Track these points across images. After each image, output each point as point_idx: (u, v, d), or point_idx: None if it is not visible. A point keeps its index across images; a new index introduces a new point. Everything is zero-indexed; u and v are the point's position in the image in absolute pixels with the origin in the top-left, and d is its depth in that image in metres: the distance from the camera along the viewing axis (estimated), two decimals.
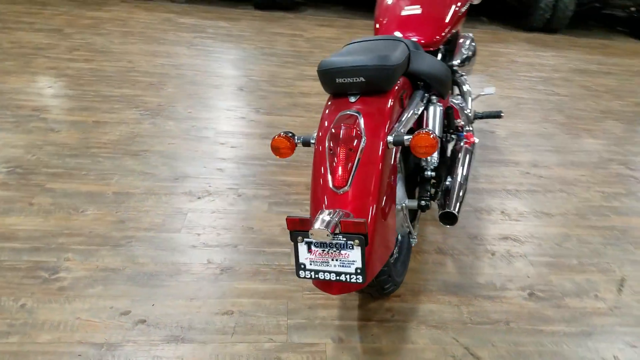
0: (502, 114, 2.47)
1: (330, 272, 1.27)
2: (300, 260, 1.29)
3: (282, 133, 1.50)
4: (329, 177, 1.36)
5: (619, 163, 2.98)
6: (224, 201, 2.24)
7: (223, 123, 3.01)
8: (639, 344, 1.66)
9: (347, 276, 1.26)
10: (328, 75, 1.45)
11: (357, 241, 1.22)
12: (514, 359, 1.56)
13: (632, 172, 2.88)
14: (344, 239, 1.24)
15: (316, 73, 4.00)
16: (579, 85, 4.42)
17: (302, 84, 3.79)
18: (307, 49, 4.73)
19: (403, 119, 1.51)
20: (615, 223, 2.35)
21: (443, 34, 2.17)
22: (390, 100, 1.48)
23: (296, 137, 1.50)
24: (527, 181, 2.67)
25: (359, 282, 1.26)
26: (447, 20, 2.19)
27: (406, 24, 2.17)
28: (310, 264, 1.28)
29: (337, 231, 1.21)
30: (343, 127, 1.38)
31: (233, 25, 5.30)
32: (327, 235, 1.19)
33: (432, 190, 1.76)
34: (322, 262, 1.27)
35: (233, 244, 1.97)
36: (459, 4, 2.28)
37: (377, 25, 2.24)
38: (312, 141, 1.48)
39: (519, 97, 3.93)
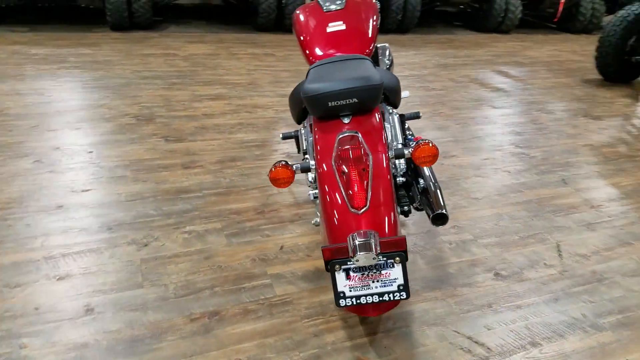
0: (420, 115, 2.64)
1: (372, 295, 1.26)
2: (339, 289, 1.26)
3: (278, 163, 1.44)
4: (346, 199, 1.34)
5: (508, 144, 3.38)
6: (175, 243, 2.07)
7: (135, 159, 2.77)
8: (595, 298, 1.91)
9: (391, 295, 1.27)
10: (319, 100, 1.43)
11: (398, 259, 1.23)
12: (512, 338, 1.69)
13: (522, 150, 3.28)
14: (384, 259, 1.24)
15: (212, 93, 3.87)
16: (447, 78, 4.90)
17: (201, 105, 3.63)
18: (188, 67, 4.54)
19: (389, 132, 1.55)
20: (529, 197, 2.67)
21: (371, 46, 2.25)
22: (378, 116, 1.50)
23: (293, 165, 1.45)
24: (446, 172, 2.90)
25: (403, 298, 1.27)
26: (370, 34, 2.28)
27: (337, 40, 2.20)
28: (350, 291, 1.26)
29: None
30: (350, 148, 1.38)
31: (96, 51, 4.87)
32: (374, 258, 1.18)
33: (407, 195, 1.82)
34: (362, 286, 1.26)
35: (208, 287, 1.83)
36: (375, 16, 2.38)
37: (308, 45, 2.22)
38: (312, 167, 1.45)
39: (406, 97, 4.23)
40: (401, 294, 1.27)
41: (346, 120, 1.47)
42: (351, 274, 1.26)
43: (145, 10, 5.61)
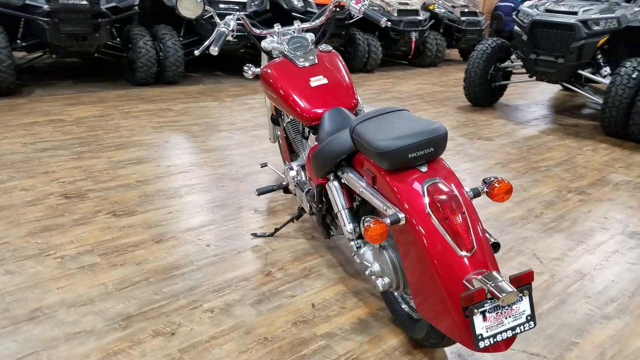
0: None
1: (506, 331, 1.34)
2: (478, 332, 1.31)
3: (369, 218, 1.45)
4: (453, 244, 1.40)
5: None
6: (203, 325, 1.89)
7: (95, 241, 2.45)
8: (593, 302, 2.22)
9: (521, 327, 1.35)
10: (400, 153, 1.49)
11: (526, 291, 1.33)
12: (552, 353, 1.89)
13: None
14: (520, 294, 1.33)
15: (131, 157, 3.59)
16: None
17: (128, 171, 3.34)
18: (86, 133, 4.14)
19: None
20: (484, 215, 2.98)
21: (356, 94, 2.37)
22: (443, 159, 1.61)
23: (382, 219, 1.47)
24: None
25: (532, 327, 1.37)
26: (350, 83, 2.39)
27: (325, 94, 2.27)
28: (487, 331, 1.32)
29: None
30: (445, 196, 1.45)
31: None
32: (517, 294, 1.27)
33: None
34: (497, 324, 1.33)
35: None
36: (343, 62, 2.51)
37: (295, 100, 2.24)
38: (402, 218, 1.47)
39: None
40: (529, 323, 1.36)
41: (424, 169, 1.54)
42: (487, 315, 1.32)
43: (9, 75, 4.98)
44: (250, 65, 2.85)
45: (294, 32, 2.59)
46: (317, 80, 2.34)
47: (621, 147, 4.47)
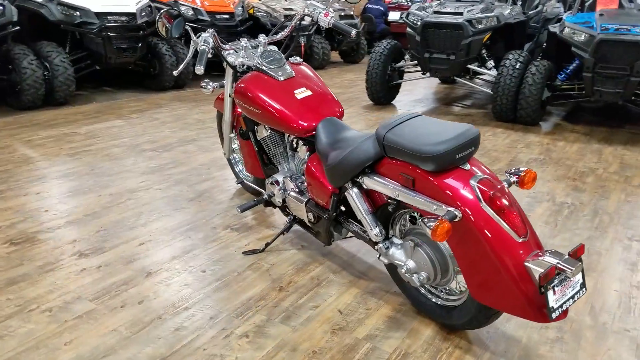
0: None
1: (568, 300, 1.55)
2: (550, 305, 1.50)
3: (431, 219, 1.56)
4: (511, 232, 1.58)
5: None
6: (246, 351, 1.85)
7: (71, 287, 2.22)
8: None
9: (578, 294, 1.57)
10: (450, 155, 1.62)
11: (580, 263, 1.55)
12: None
13: None
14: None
15: (63, 190, 3.28)
16: None
17: (68, 205, 3.04)
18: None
19: None
20: None
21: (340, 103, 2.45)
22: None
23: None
24: None
25: (584, 293, 1.59)
26: (328, 90, 2.48)
27: (313, 104, 2.33)
28: (556, 303, 1.52)
29: None
30: (496, 189, 1.61)
31: None
32: (582, 266, 1.49)
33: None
34: (562, 295, 1.53)
35: None
36: (315, 72, 2.58)
37: (284, 113, 2.26)
38: (458, 215, 1.61)
39: None
40: (583, 290, 1.58)
41: (467, 167, 1.69)
42: (555, 289, 1.50)
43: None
44: (207, 80, 2.79)
45: (260, 46, 2.59)
46: (302, 93, 2.38)
47: (515, 130, 5.12)
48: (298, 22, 2.69)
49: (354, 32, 2.52)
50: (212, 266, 2.43)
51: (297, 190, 2.42)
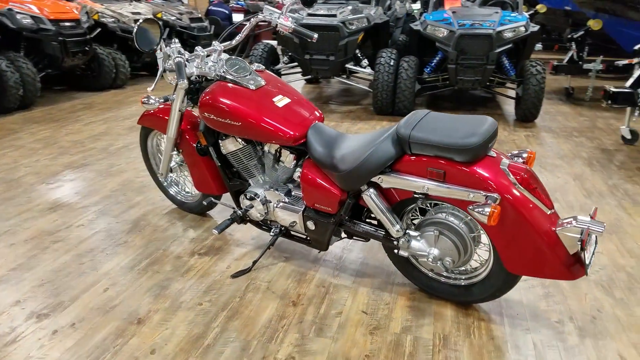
0: None
1: (591, 255, 1.81)
2: (587, 262, 1.74)
3: (484, 206, 1.69)
4: (542, 207, 1.79)
5: None
6: None
7: (55, 355, 1.86)
8: None
9: (595, 249, 1.85)
10: (484, 145, 1.77)
11: (604, 223, 1.81)
12: None
13: None
14: None
15: None
16: None
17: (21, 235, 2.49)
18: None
19: None
20: None
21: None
22: None
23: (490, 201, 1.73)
24: None
25: (596, 248, 1.86)
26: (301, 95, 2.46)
27: (296, 111, 2.30)
28: (588, 260, 1.76)
29: None
30: (525, 171, 1.80)
31: None
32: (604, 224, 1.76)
33: None
34: (590, 254, 1.79)
35: None
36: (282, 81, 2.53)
37: (268, 122, 2.19)
38: (498, 198, 1.76)
39: None
40: (596, 245, 1.85)
41: (494, 154, 1.84)
42: (589, 248, 1.75)
43: None
44: (148, 96, 2.56)
45: (214, 54, 2.44)
46: (280, 100, 2.32)
47: (397, 121, 5.56)
48: (253, 27, 2.58)
49: (315, 36, 2.52)
50: (205, 297, 2.23)
51: (286, 200, 2.35)
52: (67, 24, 6.33)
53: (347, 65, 5.93)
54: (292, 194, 2.39)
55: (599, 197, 3.25)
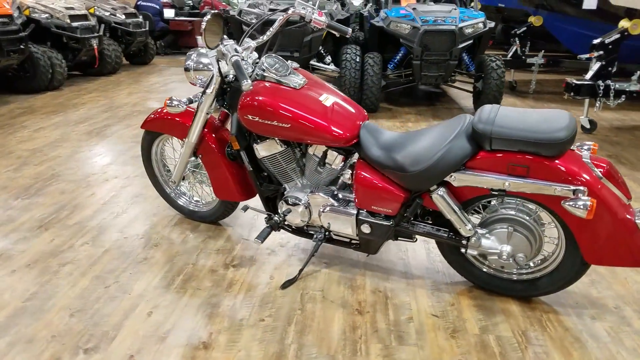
0: None
1: None
2: None
3: (584, 200, 1.71)
4: (623, 198, 1.84)
5: None
6: None
7: None
8: None
9: None
10: (572, 139, 1.79)
11: None
12: None
13: None
14: None
15: None
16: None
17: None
18: None
19: None
20: None
21: None
22: None
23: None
24: None
25: None
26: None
27: (343, 109, 2.22)
28: None
29: None
30: (607, 163, 1.85)
31: None
32: None
33: None
34: None
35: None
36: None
37: (319, 123, 2.09)
38: (586, 191, 1.78)
39: None
40: None
41: (574, 148, 1.86)
42: None
43: None
44: (173, 97, 2.37)
45: (249, 51, 2.28)
46: (327, 100, 2.21)
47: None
48: (284, 22, 2.43)
49: (350, 31, 2.42)
50: (264, 312, 2.08)
51: (335, 204, 2.24)
52: (1, 20, 5.67)
53: (311, 62, 5.84)
54: (340, 196, 2.29)
55: None
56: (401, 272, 2.39)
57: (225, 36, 2.22)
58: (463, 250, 2.11)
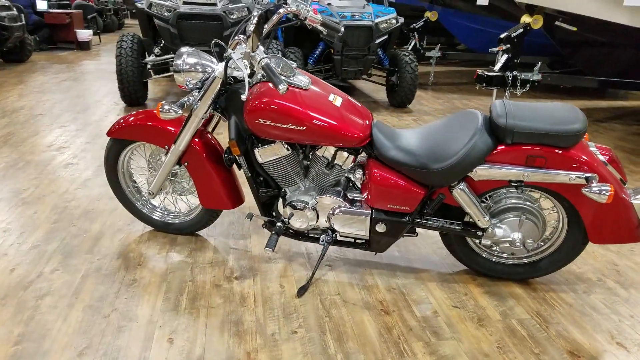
0: None
1: None
2: None
3: (603, 187, 1.88)
4: (622, 182, 2.06)
5: None
6: None
7: None
8: None
9: None
10: (585, 131, 1.95)
11: None
12: None
13: None
14: None
15: None
16: None
17: None
18: None
19: None
20: None
21: None
22: None
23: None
24: None
25: None
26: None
27: (354, 108, 2.19)
28: None
29: None
30: (608, 150, 2.06)
31: None
32: None
33: None
34: None
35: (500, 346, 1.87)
36: None
37: (333, 124, 2.05)
38: (596, 177, 1.95)
39: None
40: None
41: (582, 138, 2.02)
42: None
43: None
44: (164, 102, 2.19)
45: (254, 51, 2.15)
46: (335, 100, 2.16)
47: None
48: (279, 20, 2.30)
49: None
50: (292, 324, 1.99)
51: (346, 205, 2.20)
52: None
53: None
54: (348, 197, 2.26)
55: None
56: (404, 267, 2.43)
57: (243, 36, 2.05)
58: (478, 241, 2.20)
